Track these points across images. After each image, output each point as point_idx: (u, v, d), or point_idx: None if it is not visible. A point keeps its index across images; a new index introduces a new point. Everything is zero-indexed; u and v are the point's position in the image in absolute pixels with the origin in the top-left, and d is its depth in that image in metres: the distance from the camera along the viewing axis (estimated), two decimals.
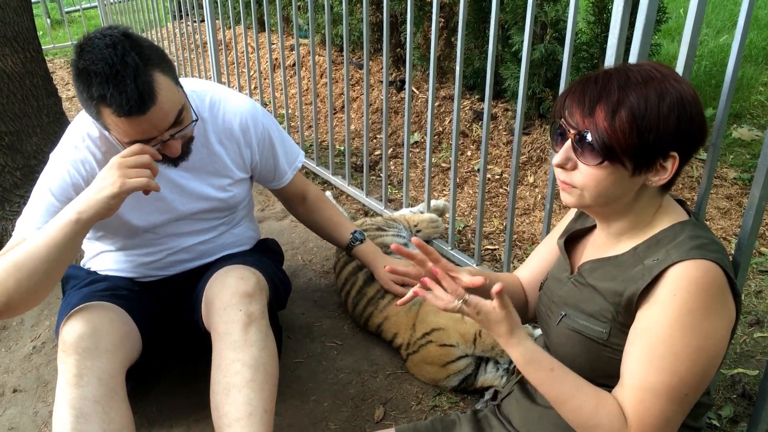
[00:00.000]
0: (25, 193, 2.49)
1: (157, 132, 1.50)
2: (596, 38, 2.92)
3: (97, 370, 1.52)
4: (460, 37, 2.12)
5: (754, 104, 3.69)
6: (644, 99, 1.07)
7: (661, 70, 1.11)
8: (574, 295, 1.25)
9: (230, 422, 1.51)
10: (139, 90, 1.40)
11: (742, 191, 2.94)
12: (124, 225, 1.75)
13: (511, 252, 2.24)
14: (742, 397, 1.88)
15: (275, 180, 2.02)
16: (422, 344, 1.96)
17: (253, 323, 1.62)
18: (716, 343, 1.08)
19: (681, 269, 1.07)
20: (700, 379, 1.08)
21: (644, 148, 1.08)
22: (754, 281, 2.38)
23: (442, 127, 3.61)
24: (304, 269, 2.59)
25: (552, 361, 1.16)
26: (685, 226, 1.15)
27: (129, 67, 1.40)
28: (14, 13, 2.43)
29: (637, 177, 1.12)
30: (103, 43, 1.41)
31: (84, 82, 1.42)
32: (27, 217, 1.62)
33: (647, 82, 1.09)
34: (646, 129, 1.07)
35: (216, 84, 1.88)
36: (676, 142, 1.09)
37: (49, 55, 5.91)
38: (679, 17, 4.88)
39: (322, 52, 4.58)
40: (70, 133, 1.69)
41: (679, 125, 1.08)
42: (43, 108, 2.55)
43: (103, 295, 1.71)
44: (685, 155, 1.11)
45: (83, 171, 1.64)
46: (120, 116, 1.42)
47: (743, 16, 1.33)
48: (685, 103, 1.08)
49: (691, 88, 1.11)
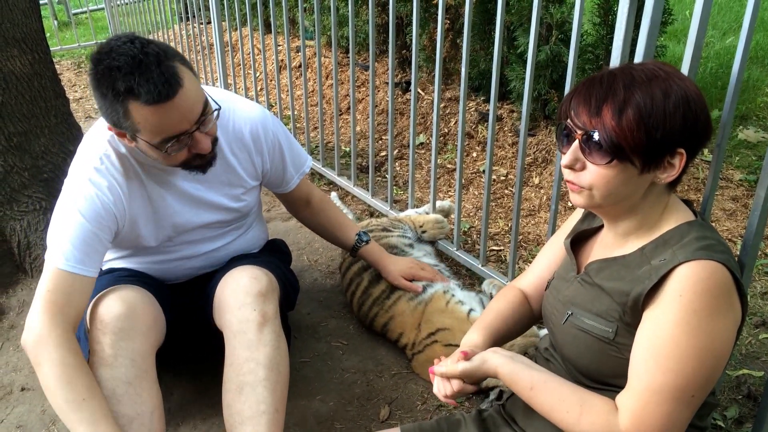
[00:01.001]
0: (33, 193, 2.50)
1: (188, 124, 1.47)
2: (602, 40, 2.93)
3: (131, 351, 1.53)
4: (466, 38, 2.13)
5: (760, 106, 3.68)
6: (650, 97, 1.08)
7: (664, 68, 1.12)
8: (581, 294, 1.26)
9: (242, 420, 1.52)
10: (165, 76, 1.40)
11: (748, 193, 2.94)
12: (139, 243, 1.75)
13: (516, 253, 2.25)
14: (747, 398, 1.88)
15: (282, 185, 2.02)
16: (427, 344, 1.97)
17: (267, 323, 1.63)
18: (722, 343, 1.08)
19: (687, 270, 1.08)
20: (706, 379, 1.08)
21: (652, 145, 1.09)
22: (760, 282, 2.38)
23: (448, 128, 3.61)
24: (309, 269, 2.60)
25: (533, 378, 1.22)
26: (692, 227, 1.16)
27: (151, 55, 1.40)
28: (23, 14, 2.44)
29: (646, 174, 1.13)
30: (119, 42, 1.41)
31: (107, 81, 1.40)
32: (59, 242, 1.53)
33: (651, 81, 1.10)
34: (653, 126, 1.08)
35: (222, 91, 1.86)
36: (683, 138, 1.10)
37: (56, 57, 5.94)
38: (685, 19, 4.87)
39: (328, 53, 4.59)
40: (87, 155, 1.63)
41: (685, 122, 1.09)
42: (51, 109, 2.57)
43: (129, 280, 1.71)
44: (691, 152, 1.12)
45: (111, 196, 1.60)
46: (150, 105, 1.40)
47: (748, 18, 1.33)
48: (690, 100, 1.09)
49: (695, 85, 1.12)
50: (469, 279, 2.47)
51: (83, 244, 1.53)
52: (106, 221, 1.59)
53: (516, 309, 1.48)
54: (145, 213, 1.70)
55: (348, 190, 3.14)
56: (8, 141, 2.43)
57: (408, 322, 2.06)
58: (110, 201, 1.59)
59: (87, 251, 1.54)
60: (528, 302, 1.51)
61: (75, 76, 5.67)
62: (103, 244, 1.59)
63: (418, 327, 2.02)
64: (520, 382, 1.22)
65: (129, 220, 1.67)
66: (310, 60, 4.53)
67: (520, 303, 1.50)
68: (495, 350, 1.30)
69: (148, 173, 1.68)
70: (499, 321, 1.44)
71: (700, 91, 1.12)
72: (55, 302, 1.48)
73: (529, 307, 1.51)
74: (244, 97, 1.97)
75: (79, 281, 1.52)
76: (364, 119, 3.97)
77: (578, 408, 1.15)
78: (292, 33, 4.95)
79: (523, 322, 1.49)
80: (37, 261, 2.52)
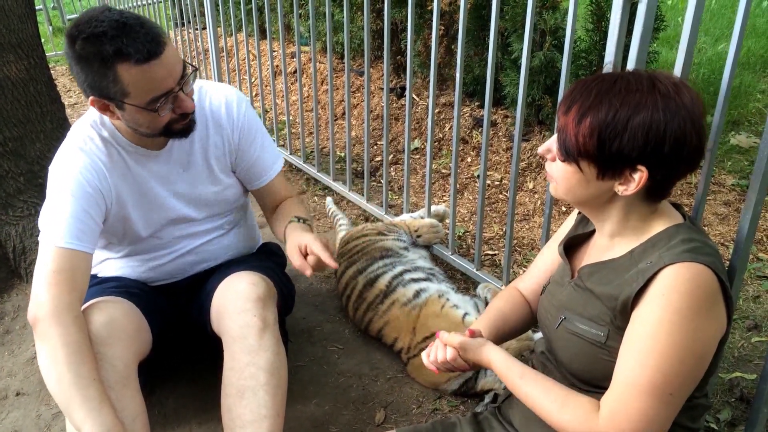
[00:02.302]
0: (29, 198, 2.50)
1: (173, 81, 1.51)
2: (595, 46, 2.94)
3: (111, 357, 1.53)
4: (460, 44, 2.14)
5: (752, 111, 3.71)
6: (615, 109, 1.09)
7: (661, 86, 1.10)
8: (574, 299, 1.27)
9: (243, 424, 1.53)
10: (150, 35, 1.44)
11: (740, 197, 2.96)
12: (130, 228, 1.76)
13: (510, 257, 2.26)
14: (740, 401, 1.89)
15: (256, 178, 1.91)
16: (423, 348, 1.97)
17: (267, 328, 1.63)
18: (703, 344, 1.09)
19: (672, 271, 1.09)
20: (684, 379, 1.09)
21: (605, 155, 1.11)
22: (752, 286, 2.39)
23: (443, 133, 3.63)
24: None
25: (524, 369, 1.24)
26: (679, 229, 1.17)
27: (132, 18, 1.44)
28: (19, 20, 2.45)
29: (602, 182, 1.15)
30: (96, 12, 1.44)
31: (93, 48, 1.42)
32: (54, 222, 1.55)
33: (630, 93, 1.09)
34: (608, 137, 1.09)
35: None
36: (643, 157, 1.10)
37: (51, 62, 5.93)
38: (677, 25, 4.91)
39: (323, 59, 4.61)
40: (69, 141, 1.68)
41: (647, 142, 1.08)
42: (46, 114, 2.57)
43: (114, 291, 1.72)
44: (656, 171, 1.11)
45: (95, 173, 1.63)
46: (140, 64, 1.43)
47: (738, 25, 1.35)
48: (661, 123, 1.08)
49: (697, 115, 1.10)
50: (464, 283, 2.48)
51: (77, 221, 1.56)
52: (95, 198, 1.62)
53: (516, 309, 1.50)
54: (132, 196, 1.72)
55: (343, 195, 3.15)
56: (3, 146, 2.43)
57: (403, 326, 2.06)
58: (95, 178, 1.63)
59: (82, 228, 1.56)
60: (528, 303, 1.53)
61: (70, 82, 5.67)
62: (95, 221, 1.61)
63: (413, 331, 2.03)
64: (513, 369, 1.25)
65: (116, 199, 1.69)
66: (305, 66, 4.54)
67: (521, 303, 1.52)
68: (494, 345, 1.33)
69: (131, 158, 1.70)
70: (500, 319, 1.47)
71: (699, 121, 1.10)
72: (60, 279, 1.49)
73: (529, 308, 1.52)
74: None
75: (79, 257, 1.54)
76: (359, 124, 3.98)
77: (561, 400, 1.17)
78: (287, 39, 4.97)
79: (524, 322, 1.51)
80: (33, 266, 2.51)
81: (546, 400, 1.19)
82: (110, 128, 1.67)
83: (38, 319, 1.46)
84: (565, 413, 1.16)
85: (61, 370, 1.40)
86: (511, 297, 1.53)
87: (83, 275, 1.55)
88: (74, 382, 1.39)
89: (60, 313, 1.45)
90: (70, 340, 1.43)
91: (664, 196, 1.19)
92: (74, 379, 1.40)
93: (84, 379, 1.41)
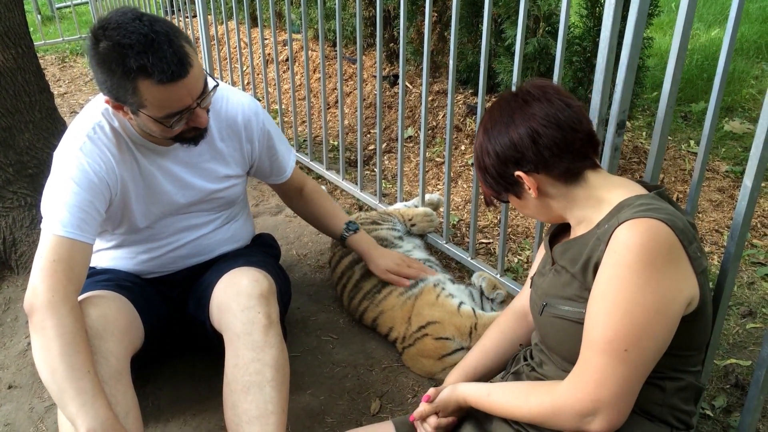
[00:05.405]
0: (18, 189, 2.48)
1: (191, 100, 1.50)
2: (589, 32, 2.92)
3: (104, 351, 1.52)
4: (454, 31, 2.12)
5: (745, 97, 3.71)
6: (479, 143, 1.30)
7: (514, 104, 1.26)
8: (554, 283, 1.28)
9: (249, 419, 1.52)
10: (177, 55, 1.41)
11: (734, 184, 2.96)
12: (128, 218, 1.75)
13: (505, 246, 2.25)
14: (735, 387, 1.89)
15: (273, 175, 2.05)
16: (418, 337, 1.97)
17: (272, 325, 1.63)
18: (662, 299, 1.07)
19: (624, 228, 1.09)
20: (640, 334, 1.06)
21: (494, 181, 1.29)
22: (747, 273, 2.40)
23: (436, 121, 3.61)
24: (299, 264, 2.59)
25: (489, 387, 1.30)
26: (641, 198, 1.17)
27: (161, 34, 1.40)
28: (5, 8, 2.41)
29: (526, 198, 1.29)
30: (127, 18, 1.40)
31: (117, 58, 1.39)
32: (56, 210, 1.54)
33: (492, 125, 1.28)
34: (480, 169, 1.30)
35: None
36: (515, 166, 1.24)
37: (40, 52, 5.87)
38: (671, 11, 4.90)
39: (315, 47, 4.57)
40: (78, 126, 1.65)
41: (503, 156, 1.24)
42: (35, 104, 2.54)
43: (106, 285, 1.71)
44: (536, 169, 1.23)
45: (103, 164, 1.61)
46: (162, 84, 1.41)
47: (734, 10, 1.33)
48: (507, 137, 1.23)
49: (537, 116, 1.22)
50: (459, 272, 2.47)
51: (79, 211, 1.54)
52: (100, 188, 1.60)
53: (501, 342, 1.53)
54: (136, 188, 1.71)
55: (337, 184, 3.14)
56: None
57: (398, 315, 2.06)
58: (102, 170, 1.61)
59: (84, 218, 1.55)
60: (524, 321, 1.53)
61: (59, 71, 5.61)
62: (98, 212, 1.60)
63: (409, 320, 2.02)
64: (480, 390, 1.30)
65: (121, 190, 1.68)
66: (297, 53, 4.51)
67: (511, 330, 1.54)
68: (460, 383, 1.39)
69: (139, 151, 1.69)
70: (478, 359, 1.53)
71: (557, 117, 1.21)
72: (58, 269, 1.48)
73: (522, 329, 1.53)
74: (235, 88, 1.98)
75: (78, 247, 1.53)
76: (352, 113, 3.96)
77: (525, 393, 1.21)
78: (278, 26, 4.93)
79: (511, 350, 1.52)
80: (23, 258, 2.50)
81: (513, 400, 1.22)
82: (121, 119, 1.65)
83: (34, 309, 1.44)
84: (531, 400, 1.18)
85: (55, 362, 1.39)
86: (501, 327, 1.55)
87: (82, 266, 1.54)
88: (68, 374, 1.38)
89: (56, 303, 1.44)
90: (65, 331, 1.42)
91: (581, 171, 1.23)
92: (68, 371, 1.38)
93: (78, 371, 1.39)
